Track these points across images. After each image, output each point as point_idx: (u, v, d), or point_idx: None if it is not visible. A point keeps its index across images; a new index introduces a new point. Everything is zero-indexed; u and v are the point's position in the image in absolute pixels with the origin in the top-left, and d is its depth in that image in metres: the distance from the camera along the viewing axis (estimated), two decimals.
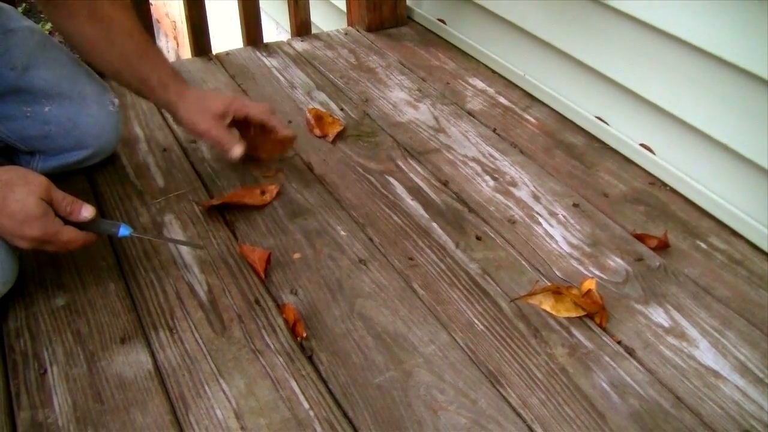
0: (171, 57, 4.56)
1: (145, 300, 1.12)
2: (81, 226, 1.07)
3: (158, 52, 1.32)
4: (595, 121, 1.53)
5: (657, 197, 1.35)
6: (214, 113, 1.28)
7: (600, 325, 1.07)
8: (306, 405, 0.95)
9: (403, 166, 1.44)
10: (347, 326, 1.07)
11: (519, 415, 0.94)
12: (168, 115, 1.47)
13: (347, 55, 1.89)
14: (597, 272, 1.17)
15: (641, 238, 1.24)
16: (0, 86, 1.25)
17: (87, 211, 1.07)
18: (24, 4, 4.41)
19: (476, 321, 1.08)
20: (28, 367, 1.01)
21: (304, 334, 1.05)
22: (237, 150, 1.28)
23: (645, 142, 1.43)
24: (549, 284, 1.14)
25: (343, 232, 1.26)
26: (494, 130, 1.55)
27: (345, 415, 0.94)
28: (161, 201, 1.33)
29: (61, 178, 1.36)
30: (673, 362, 1.02)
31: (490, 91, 1.72)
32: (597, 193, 1.36)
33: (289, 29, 2.03)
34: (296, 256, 1.20)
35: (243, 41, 1.95)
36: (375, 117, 1.61)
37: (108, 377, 0.99)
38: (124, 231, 1.10)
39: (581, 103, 1.57)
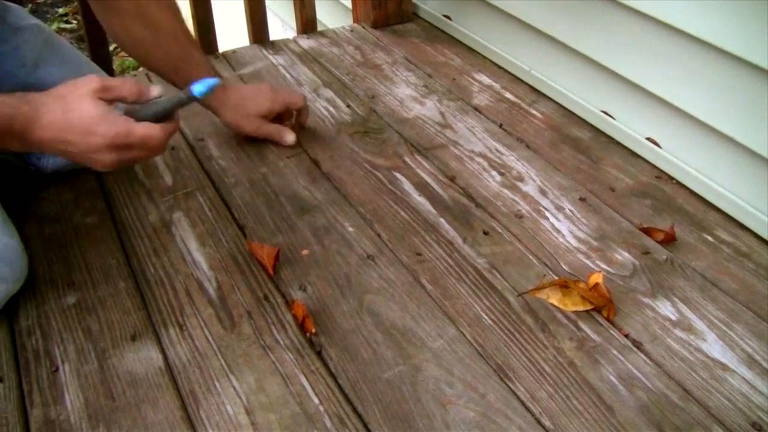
0: None
1: (155, 297, 1.13)
2: (152, 118, 1.01)
3: (201, 56, 1.36)
4: (601, 115, 1.53)
5: (663, 191, 1.35)
6: (257, 114, 1.41)
7: (607, 319, 1.07)
8: (316, 400, 0.96)
9: (410, 162, 1.44)
10: (356, 322, 1.08)
11: (527, 408, 0.94)
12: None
13: (353, 52, 1.90)
14: (604, 266, 1.18)
15: (648, 231, 1.24)
16: (10, 84, 1.25)
17: (155, 90, 1.01)
18: (30, 5, 4.42)
19: (484, 315, 1.09)
20: (39, 365, 1.02)
21: (313, 330, 1.06)
22: (289, 137, 1.44)
23: (651, 136, 1.43)
24: (556, 278, 1.14)
25: (350, 228, 1.26)
26: (501, 126, 1.56)
27: (354, 409, 0.95)
28: (170, 199, 1.34)
29: (70, 176, 1.37)
30: (680, 355, 1.02)
31: (496, 86, 1.72)
32: (603, 187, 1.36)
33: (294, 27, 2.04)
34: (305, 252, 1.21)
35: (249, 39, 1.95)
36: (381, 113, 1.61)
37: (119, 374, 1.00)
38: (199, 87, 1.02)
39: (587, 98, 1.57)
